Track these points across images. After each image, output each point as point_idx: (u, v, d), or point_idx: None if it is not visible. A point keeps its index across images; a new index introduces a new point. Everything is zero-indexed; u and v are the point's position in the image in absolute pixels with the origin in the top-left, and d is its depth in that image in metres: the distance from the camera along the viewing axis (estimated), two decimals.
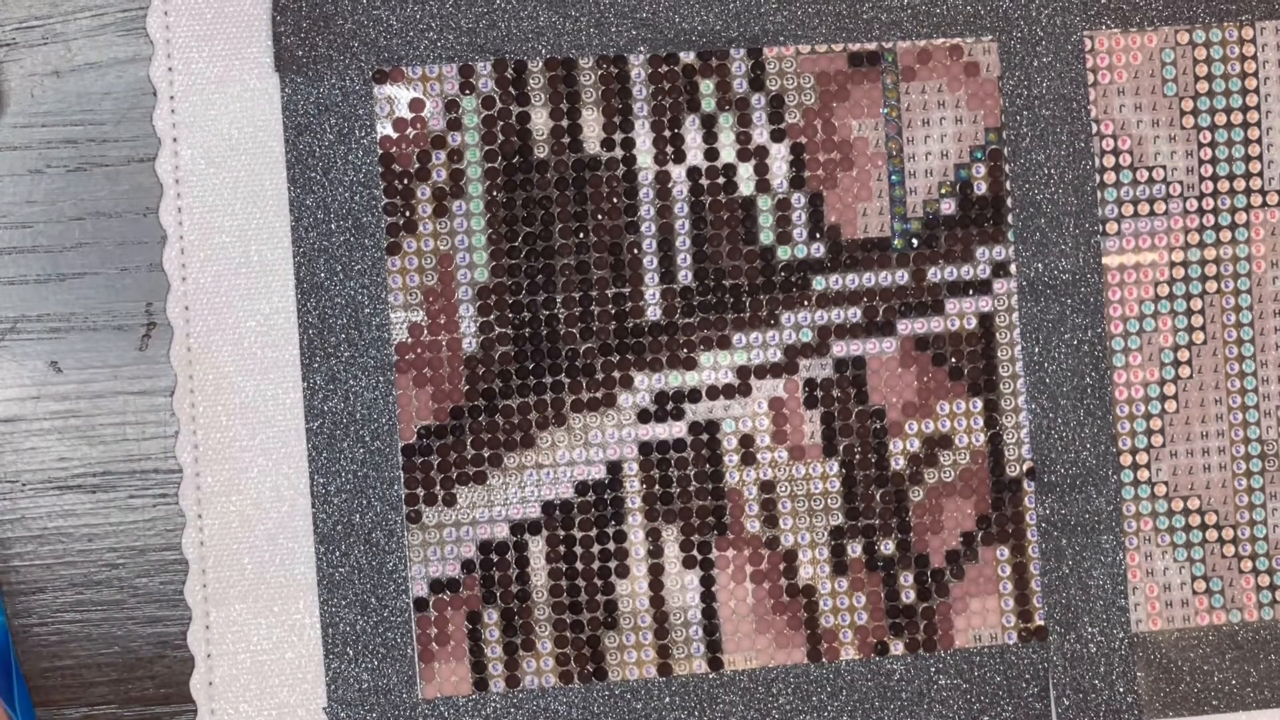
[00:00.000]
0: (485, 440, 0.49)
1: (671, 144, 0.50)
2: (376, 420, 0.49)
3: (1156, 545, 0.51)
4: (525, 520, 0.49)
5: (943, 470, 0.50)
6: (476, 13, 0.49)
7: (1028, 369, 0.50)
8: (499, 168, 0.49)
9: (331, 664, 0.49)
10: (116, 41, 0.49)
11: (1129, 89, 0.51)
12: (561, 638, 0.49)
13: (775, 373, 0.50)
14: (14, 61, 0.49)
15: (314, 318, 0.49)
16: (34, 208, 0.49)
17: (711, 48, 0.50)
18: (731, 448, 0.50)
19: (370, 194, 0.49)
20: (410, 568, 0.49)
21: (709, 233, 0.50)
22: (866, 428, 0.50)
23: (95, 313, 0.49)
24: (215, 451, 0.48)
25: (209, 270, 0.49)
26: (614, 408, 0.50)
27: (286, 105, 0.49)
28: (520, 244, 0.49)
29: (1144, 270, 0.51)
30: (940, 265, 0.50)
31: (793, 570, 0.50)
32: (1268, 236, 0.51)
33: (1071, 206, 0.50)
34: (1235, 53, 0.51)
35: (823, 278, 0.50)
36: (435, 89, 0.49)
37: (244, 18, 0.49)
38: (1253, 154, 0.51)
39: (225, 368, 0.49)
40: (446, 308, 0.49)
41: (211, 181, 0.49)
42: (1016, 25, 0.50)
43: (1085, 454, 0.50)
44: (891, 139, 0.50)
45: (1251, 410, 0.51)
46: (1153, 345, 0.51)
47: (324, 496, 0.49)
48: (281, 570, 0.49)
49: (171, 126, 0.48)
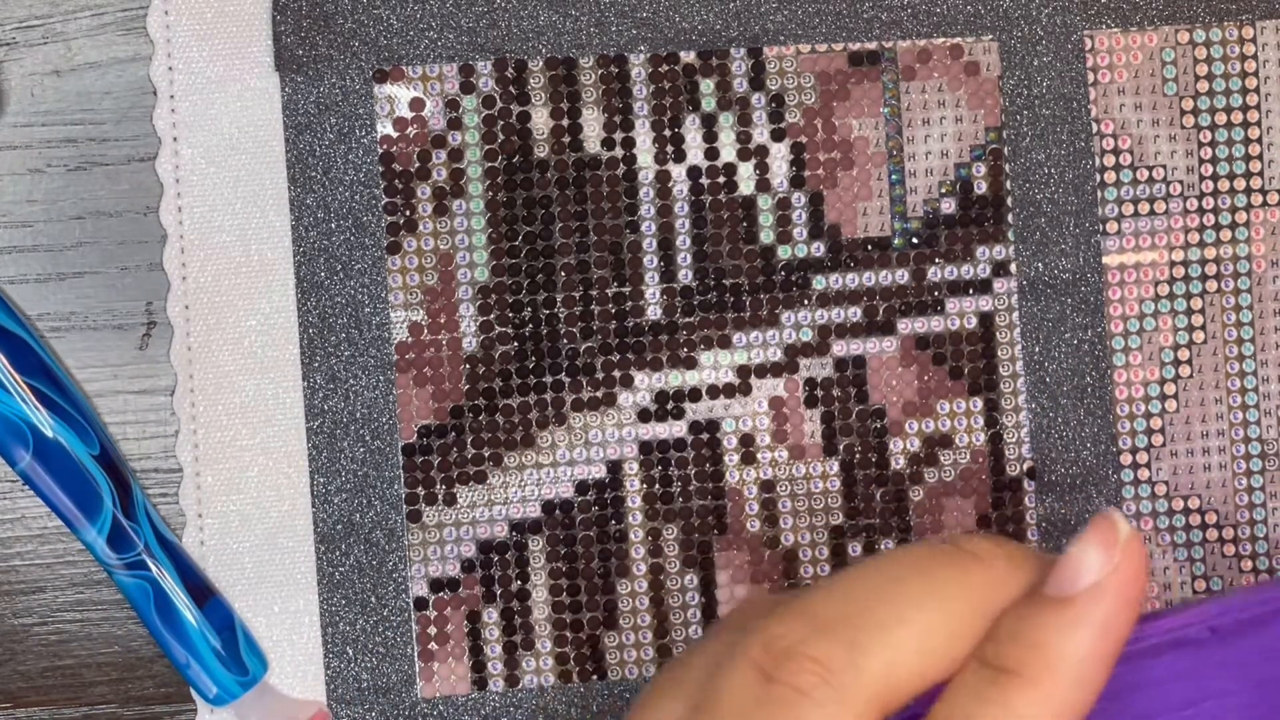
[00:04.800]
0: (485, 440, 0.49)
1: (672, 143, 0.50)
2: (377, 419, 0.49)
3: (1156, 545, 0.51)
4: (525, 520, 0.49)
5: (943, 470, 0.50)
6: (477, 12, 0.49)
7: (1028, 368, 0.50)
8: (499, 167, 0.49)
9: (331, 663, 0.49)
10: (117, 41, 0.49)
11: (1129, 88, 0.51)
12: (561, 637, 0.49)
13: (775, 372, 0.50)
14: (14, 61, 0.49)
15: (314, 317, 0.49)
16: (34, 207, 0.49)
17: (712, 47, 0.50)
18: (732, 447, 0.50)
19: (370, 193, 0.49)
20: (410, 567, 0.49)
21: (709, 232, 0.50)
22: (867, 427, 0.50)
23: (95, 312, 0.49)
24: (215, 451, 0.48)
25: (209, 270, 0.49)
26: (614, 407, 0.50)
27: (287, 105, 0.49)
28: (520, 243, 0.49)
29: (1144, 270, 0.51)
30: (940, 265, 0.50)
31: (793, 570, 0.50)
32: (1268, 236, 0.51)
33: (1072, 206, 0.50)
34: (1235, 52, 0.51)
35: (823, 277, 0.50)
36: (436, 88, 0.49)
37: (244, 17, 0.49)
38: (1253, 154, 0.51)
39: (225, 367, 0.49)
40: (447, 307, 0.49)
41: (211, 181, 0.49)
42: (1016, 25, 0.50)
43: (1085, 454, 0.50)
44: (891, 138, 0.50)
45: (1252, 410, 0.51)
46: (1153, 345, 0.51)
47: (324, 496, 0.49)
48: (281, 570, 0.49)
49: (171, 126, 0.48)
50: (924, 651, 0.32)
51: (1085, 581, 0.32)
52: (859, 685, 0.32)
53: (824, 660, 0.32)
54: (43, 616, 0.49)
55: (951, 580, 0.33)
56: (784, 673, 0.32)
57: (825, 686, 0.32)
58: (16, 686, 0.49)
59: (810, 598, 0.33)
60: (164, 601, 0.47)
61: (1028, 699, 0.32)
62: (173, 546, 0.48)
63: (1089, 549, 0.33)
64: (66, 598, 0.49)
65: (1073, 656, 0.32)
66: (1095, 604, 0.32)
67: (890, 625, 0.32)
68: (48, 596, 0.49)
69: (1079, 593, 0.32)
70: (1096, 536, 0.33)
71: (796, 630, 0.32)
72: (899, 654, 0.32)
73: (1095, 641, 0.32)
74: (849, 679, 0.32)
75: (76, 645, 0.49)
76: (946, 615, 0.33)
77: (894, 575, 0.33)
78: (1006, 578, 0.33)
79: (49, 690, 0.49)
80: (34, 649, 0.49)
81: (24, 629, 0.49)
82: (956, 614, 0.33)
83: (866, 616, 0.32)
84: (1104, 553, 0.33)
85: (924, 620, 0.32)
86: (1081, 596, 0.32)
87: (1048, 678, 0.32)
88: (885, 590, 0.33)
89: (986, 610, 0.33)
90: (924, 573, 0.33)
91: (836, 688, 0.32)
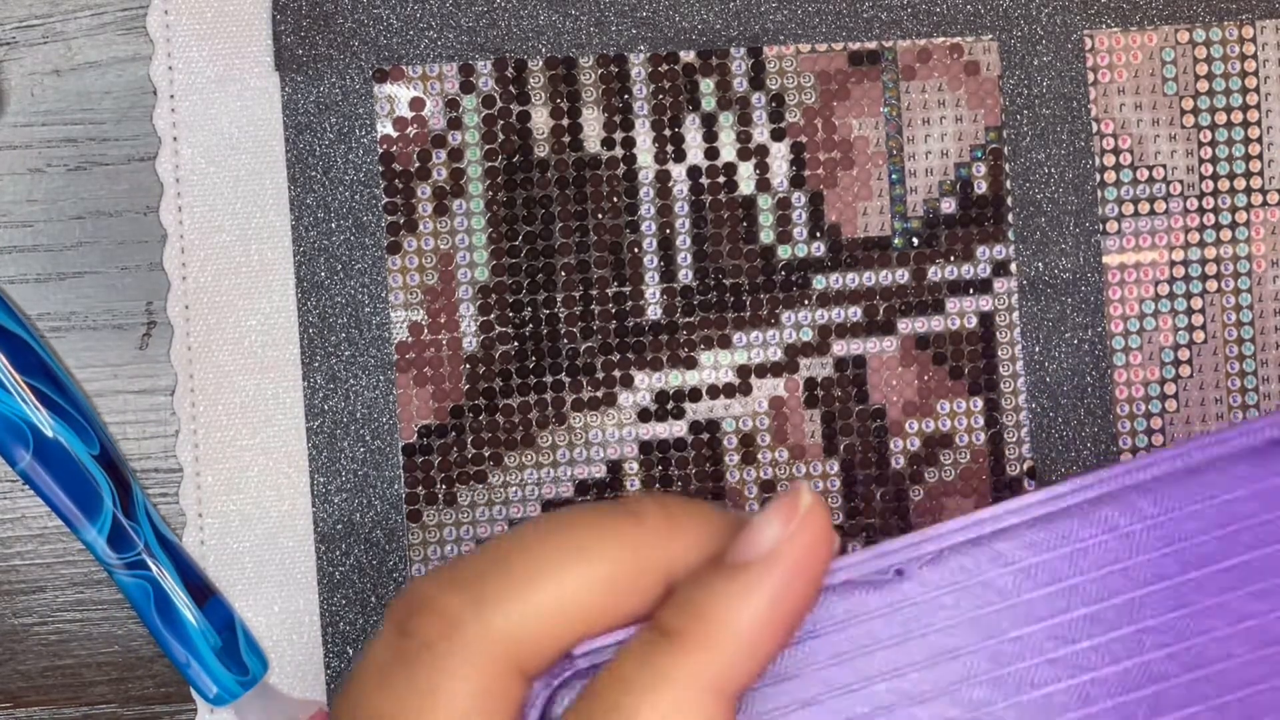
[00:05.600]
0: (485, 440, 0.49)
1: (672, 143, 0.50)
2: (377, 419, 0.49)
3: None
4: (525, 520, 0.49)
5: (943, 470, 0.50)
6: (477, 12, 0.49)
7: (1028, 368, 0.50)
8: (499, 167, 0.49)
9: (331, 663, 0.49)
10: (116, 40, 0.49)
11: (1129, 88, 0.51)
12: None
13: (775, 372, 0.50)
14: (14, 61, 0.49)
15: (314, 317, 0.49)
16: (34, 207, 0.49)
17: (712, 47, 0.50)
18: (732, 447, 0.50)
19: (370, 193, 0.49)
20: (410, 567, 0.49)
21: (709, 232, 0.50)
22: (867, 427, 0.50)
23: (95, 312, 0.49)
24: (215, 451, 0.48)
25: (209, 269, 0.49)
26: (614, 407, 0.50)
27: (287, 104, 0.49)
28: (520, 243, 0.49)
29: (1144, 270, 0.51)
30: (940, 264, 0.50)
31: None
32: (1268, 236, 0.51)
33: (1072, 206, 0.50)
34: (1235, 52, 0.51)
35: (823, 277, 0.50)
36: (436, 88, 0.49)
37: (244, 17, 0.49)
38: (1253, 153, 0.51)
39: (225, 367, 0.49)
40: (447, 307, 0.49)
41: (212, 181, 0.49)
42: (1016, 24, 0.50)
43: (1085, 454, 0.50)
44: (891, 138, 0.50)
45: (1252, 410, 0.51)
46: (1153, 345, 0.51)
47: (324, 496, 0.49)
48: (281, 570, 0.49)
49: (171, 126, 0.48)
50: (561, 608, 0.32)
51: (760, 550, 0.32)
52: (483, 639, 0.32)
53: (448, 614, 0.32)
54: (43, 616, 0.49)
55: (601, 538, 0.33)
56: (411, 625, 0.32)
57: (447, 640, 0.32)
58: (16, 686, 0.49)
59: (465, 557, 0.33)
60: (164, 601, 0.47)
61: (685, 663, 0.32)
62: (173, 546, 0.48)
63: (770, 518, 0.32)
64: (66, 598, 0.49)
65: (737, 624, 0.32)
66: (766, 573, 0.32)
67: (523, 580, 0.32)
68: (48, 596, 0.49)
69: (751, 560, 0.32)
70: (780, 506, 0.33)
71: (432, 587, 0.33)
72: (530, 608, 0.32)
73: (763, 610, 0.32)
74: (472, 632, 0.32)
75: (76, 645, 0.49)
76: (589, 572, 0.32)
77: (542, 533, 0.33)
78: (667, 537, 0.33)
79: (49, 690, 0.49)
80: (34, 649, 0.49)
81: (24, 629, 0.49)
82: (603, 572, 0.32)
83: (499, 571, 0.32)
84: (783, 523, 0.32)
85: (562, 576, 0.32)
86: (754, 565, 0.32)
87: (708, 643, 0.32)
88: (528, 547, 0.33)
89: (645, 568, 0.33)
90: (571, 529, 0.33)
91: (459, 641, 0.32)
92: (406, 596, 0.33)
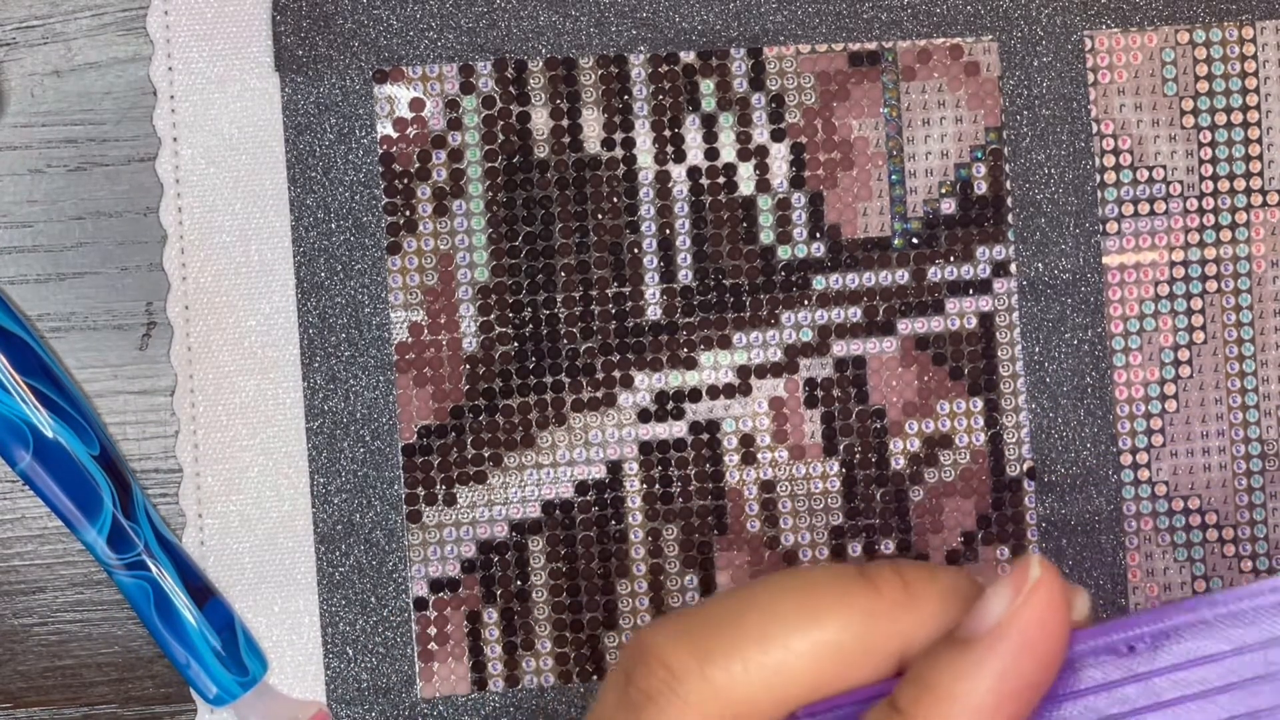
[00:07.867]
0: (485, 440, 0.49)
1: (672, 143, 0.50)
2: (377, 420, 0.49)
3: (1156, 545, 0.51)
4: (525, 520, 0.49)
5: (943, 470, 0.50)
6: (476, 12, 0.49)
7: (1028, 369, 0.50)
8: (499, 167, 0.49)
9: (331, 663, 0.49)
10: (116, 41, 0.49)
11: (1129, 89, 0.51)
12: (561, 638, 0.49)
13: (775, 372, 0.50)
14: (14, 61, 0.49)
15: (314, 317, 0.49)
16: (34, 207, 0.49)
17: (712, 47, 0.50)
18: (732, 447, 0.50)
19: (370, 194, 0.49)
20: (410, 567, 0.49)
21: (709, 232, 0.50)
22: (867, 427, 0.50)
23: (95, 312, 0.49)
24: (215, 451, 0.48)
25: (209, 270, 0.49)
26: (614, 407, 0.50)
27: (287, 105, 0.49)
28: (520, 244, 0.49)
29: (1144, 270, 0.51)
30: (940, 265, 0.50)
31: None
32: (1268, 236, 0.51)
33: (1071, 206, 0.50)
34: (1235, 52, 0.51)
35: (823, 277, 0.50)
36: (435, 89, 0.49)
37: (244, 17, 0.49)
38: (1253, 154, 0.51)
39: (225, 367, 0.49)
40: (447, 307, 0.49)
41: (211, 181, 0.49)
42: (1016, 25, 0.50)
43: (1085, 454, 0.50)
44: (891, 138, 0.50)
45: (1252, 410, 0.51)
46: (1153, 345, 0.51)
47: (324, 496, 0.49)
48: (281, 570, 0.49)
49: (171, 126, 0.48)
50: (786, 670, 0.32)
51: (989, 623, 0.32)
52: (703, 694, 0.32)
53: (672, 666, 0.32)
54: (43, 616, 0.49)
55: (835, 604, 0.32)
56: (636, 675, 0.32)
57: (669, 693, 0.32)
58: (16, 686, 0.49)
59: (694, 608, 0.33)
60: (164, 601, 0.47)
61: None
62: (173, 546, 0.48)
63: (1000, 590, 0.32)
64: (66, 598, 0.49)
65: (965, 700, 0.31)
66: (992, 647, 0.31)
67: (750, 639, 0.32)
68: (48, 596, 0.49)
69: (979, 636, 0.32)
70: (1010, 578, 0.32)
71: (659, 636, 0.33)
72: (754, 668, 0.32)
73: (990, 686, 0.31)
74: (693, 686, 0.32)
75: (76, 645, 0.49)
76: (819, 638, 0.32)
77: (775, 592, 0.33)
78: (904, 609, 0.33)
79: (49, 690, 0.49)
80: (34, 649, 0.49)
81: (24, 629, 0.49)
82: (833, 639, 0.32)
83: (727, 627, 0.32)
84: (1012, 595, 0.32)
85: (790, 639, 0.32)
86: (981, 640, 0.32)
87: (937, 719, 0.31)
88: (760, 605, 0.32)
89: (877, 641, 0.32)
90: (804, 592, 0.32)
91: (681, 694, 0.32)
92: (634, 645, 0.33)
